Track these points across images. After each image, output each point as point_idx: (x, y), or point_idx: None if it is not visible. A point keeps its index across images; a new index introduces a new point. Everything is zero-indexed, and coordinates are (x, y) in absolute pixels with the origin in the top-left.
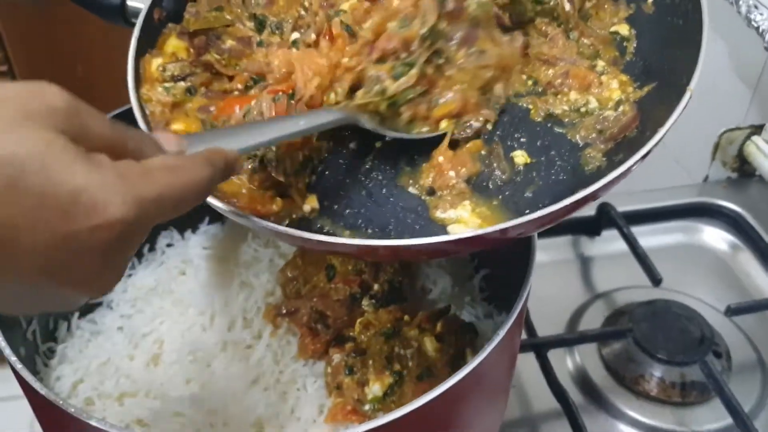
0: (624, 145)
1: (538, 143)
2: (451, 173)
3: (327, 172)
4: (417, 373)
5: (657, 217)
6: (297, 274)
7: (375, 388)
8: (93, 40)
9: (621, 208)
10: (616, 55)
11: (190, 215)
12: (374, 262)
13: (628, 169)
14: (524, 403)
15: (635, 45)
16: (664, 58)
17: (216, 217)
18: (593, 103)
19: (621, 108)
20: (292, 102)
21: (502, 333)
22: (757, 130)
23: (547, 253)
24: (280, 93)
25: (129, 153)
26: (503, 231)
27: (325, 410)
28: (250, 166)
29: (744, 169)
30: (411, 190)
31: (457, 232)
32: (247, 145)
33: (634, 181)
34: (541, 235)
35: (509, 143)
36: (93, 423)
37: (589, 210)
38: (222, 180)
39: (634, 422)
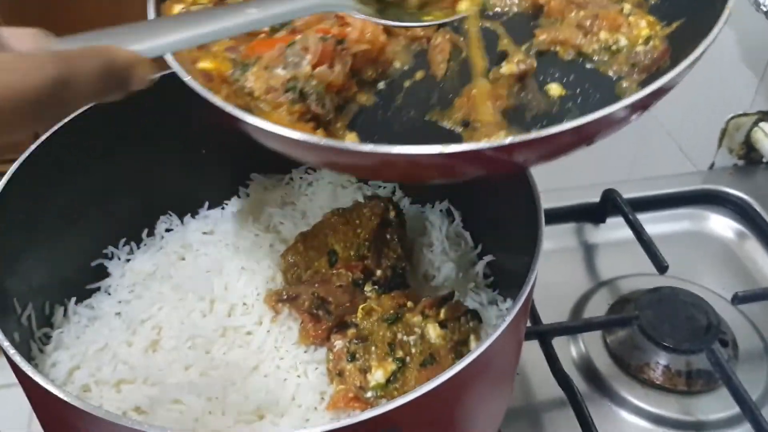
0: (658, 76)
1: (572, 77)
2: (488, 104)
3: (360, 112)
4: (420, 360)
5: (662, 205)
6: (298, 260)
7: (377, 375)
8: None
9: (626, 194)
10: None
11: (190, 200)
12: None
13: (667, 84)
14: (527, 392)
15: None
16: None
17: (216, 202)
18: (623, 42)
19: (651, 43)
20: (340, 47)
21: (508, 319)
22: (765, 116)
23: (552, 240)
24: (331, 35)
25: None
26: (540, 142)
27: (327, 397)
28: (290, 98)
29: (751, 156)
30: (444, 124)
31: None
32: (165, 49)
33: (639, 168)
34: (546, 222)
35: (542, 78)
36: (89, 410)
37: (594, 196)
38: (108, 91)
39: (638, 411)
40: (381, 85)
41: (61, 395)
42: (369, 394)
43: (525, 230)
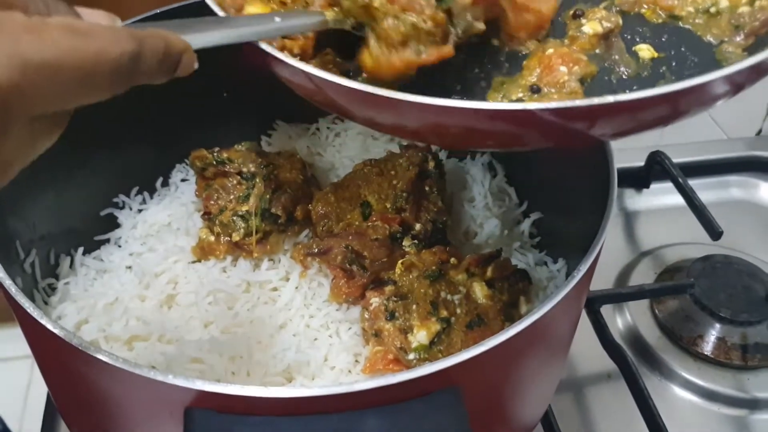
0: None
1: (664, 38)
2: (562, 68)
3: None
4: (467, 321)
5: (710, 171)
6: (329, 211)
7: (420, 336)
8: None
9: (674, 159)
10: None
11: (208, 148)
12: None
13: None
14: (570, 365)
15: None
16: None
17: None
18: (724, 3)
19: (758, 3)
20: None
21: (575, 280)
22: None
23: None
24: None
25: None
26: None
27: (362, 360)
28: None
29: None
30: (511, 89)
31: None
32: (205, 42)
33: (681, 132)
34: None
35: (630, 37)
36: (101, 357)
37: (638, 160)
38: (162, 72)
39: (690, 385)
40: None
41: (70, 340)
42: (411, 356)
43: (579, 187)
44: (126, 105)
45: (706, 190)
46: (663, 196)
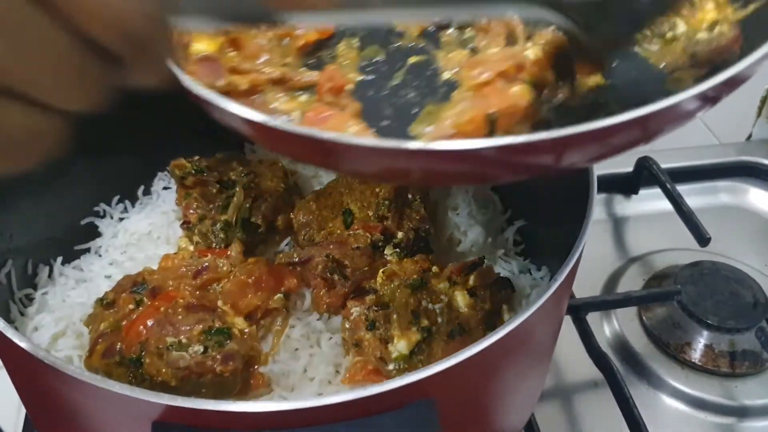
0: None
1: (614, 64)
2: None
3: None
4: (448, 330)
5: (699, 176)
6: (310, 219)
7: (400, 346)
8: None
9: (662, 165)
10: None
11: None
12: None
13: (733, 79)
14: (557, 372)
15: None
16: None
17: None
18: (681, 28)
19: (717, 29)
20: None
21: (552, 288)
22: None
23: None
24: None
25: None
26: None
27: (342, 370)
28: None
29: None
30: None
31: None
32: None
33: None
34: None
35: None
36: (68, 372)
37: (627, 165)
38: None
39: (677, 393)
40: (381, 56)
41: (33, 351)
42: (391, 367)
43: (562, 195)
44: (108, 112)
45: (695, 195)
46: (652, 201)
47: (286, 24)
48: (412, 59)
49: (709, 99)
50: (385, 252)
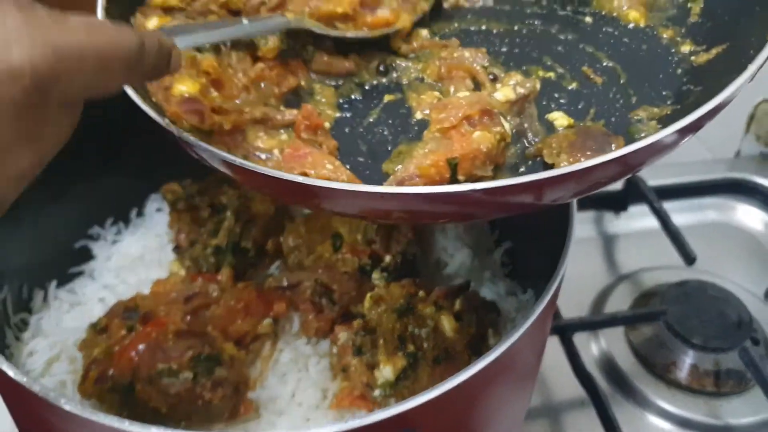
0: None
1: (581, 105)
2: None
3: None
4: (433, 356)
5: (687, 193)
6: (300, 243)
7: (386, 372)
8: None
9: (650, 182)
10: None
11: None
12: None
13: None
14: (545, 391)
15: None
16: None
17: None
18: None
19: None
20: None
21: (534, 315)
22: None
23: None
24: None
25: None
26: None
27: (330, 395)
28: None
29: None
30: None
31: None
32: (189, 43)
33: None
34: None
35: (546, 103)
36: (59, 405)
37: (617, 183)
38: (155, 68)
39: (663, 413)
40: (357, 94)
41: (31, 387)
42: (376, 393)
43: (547, 215)
44: (101, 135)
45: (683, 212)
46: (641, 218)
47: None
48: (387, 97)
49: (667, 146)
50: (372, 276)
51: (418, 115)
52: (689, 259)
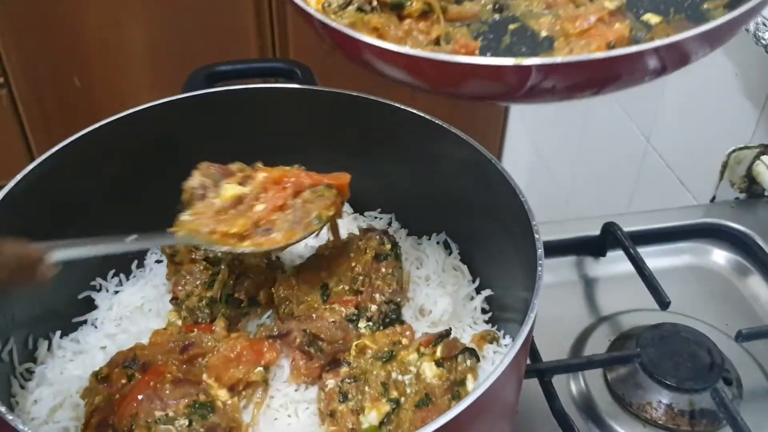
0: None
1: (661, 7)
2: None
3: None
4: (415, 401)
5: (663, 238)
6: (290, 294)
7: (371, 417)
8: (89, 52)
9: (626, 228)
10: None
11: None
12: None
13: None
14: (526, 430)
15: None
16: None
17: None
18: None
19: None
20: None
21: (507, 360)
22: (767, 149)
23: (551, 273)
24: None
25: None
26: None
27: None
28: None
29: (752, 189)
30: None
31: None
32: (63, 257)
33: (639, 201)
34: (545, 254)
35: (635, 10)
36: None
37: (594, 229)
38: (17, 279)
39: None
40: (485, 27)
41: None
42: None
43: (524, 264)
44: (103, 192)
45: (660, 256)
46: (619, 263)
47: None
48: (511, 26)
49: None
50: (359, 325)
51: (544, 33)
52: (663, 303)
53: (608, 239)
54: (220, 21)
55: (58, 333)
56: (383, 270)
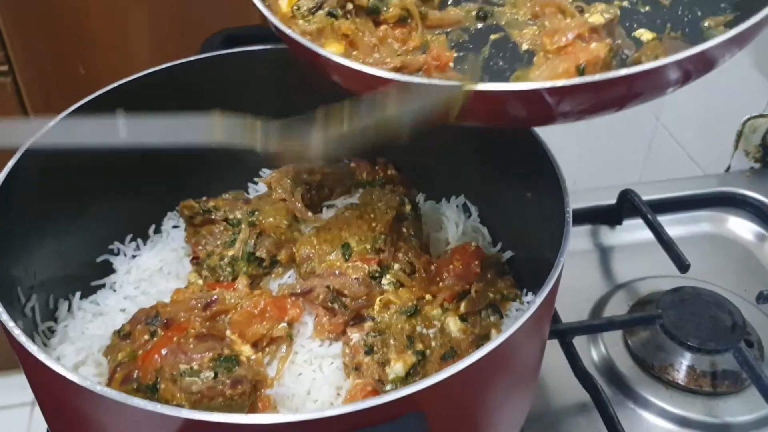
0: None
1: (657, 22)
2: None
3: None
4: (441, 354)
5: (680, 206)
6: (312, 253)
7: (397, 368)
8: (94, 39)
9: (644, 196)
10: None
11: (199, 196)
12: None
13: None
14: (546, 395)
15: None
16: None
17: None
18: None
19: None
20: None
21: (531, 309)
22: None
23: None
24: None
25: None
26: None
27: (343, 392)
28: None
29: (767, 158)
30: None
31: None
32: None
33: (653, 171)
34: None
35: (628, 24)
36: (96, 390)
37: (610, 198)
38: None
39: (663, 413)
40: (465, 36)
41: (69, 376)
42: (388, 388)
43: (546, 224)
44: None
45: (677, 225)
46: (635, 231)
47: None
48: (492, 36)
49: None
50: (382, 282)
51: (525, 46)
52: (683, 266)
53: (625, 207)
54: (225, 10)
55: (78, 294)
56: (404, 230)
